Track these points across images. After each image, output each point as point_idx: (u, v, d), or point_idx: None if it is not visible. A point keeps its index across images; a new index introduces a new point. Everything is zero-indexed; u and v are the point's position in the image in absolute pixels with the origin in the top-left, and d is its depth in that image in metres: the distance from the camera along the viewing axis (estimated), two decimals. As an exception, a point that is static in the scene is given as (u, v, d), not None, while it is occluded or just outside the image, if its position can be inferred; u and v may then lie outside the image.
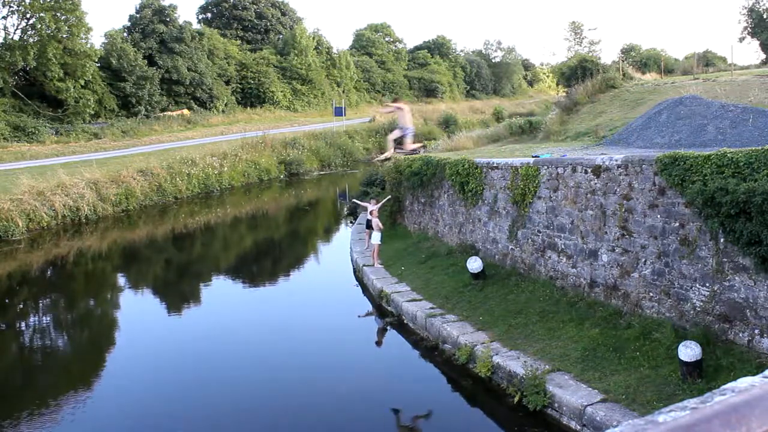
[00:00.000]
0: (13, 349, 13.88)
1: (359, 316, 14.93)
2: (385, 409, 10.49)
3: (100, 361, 13.01)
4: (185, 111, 55.59)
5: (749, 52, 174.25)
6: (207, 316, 15.23)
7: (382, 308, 15.04)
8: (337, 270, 18.87)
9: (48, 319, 15.83)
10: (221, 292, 16.99)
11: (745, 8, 59.77)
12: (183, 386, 11.42)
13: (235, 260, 20.82)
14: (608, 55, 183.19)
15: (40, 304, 17.10)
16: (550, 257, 13.04)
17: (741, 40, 61.45)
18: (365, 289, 16.67)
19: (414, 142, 14.32)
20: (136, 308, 16.00)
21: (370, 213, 17.92)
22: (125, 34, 55.43)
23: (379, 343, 13.67)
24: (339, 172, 43.75)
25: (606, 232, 11.48)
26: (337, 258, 20.27)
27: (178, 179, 33.06)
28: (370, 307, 15.49)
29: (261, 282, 17.95)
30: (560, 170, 12.65)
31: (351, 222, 24.36)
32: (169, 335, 14.09)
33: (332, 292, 16.82)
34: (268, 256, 20.99)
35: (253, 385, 11.32)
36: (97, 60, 48.47)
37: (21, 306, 16.91)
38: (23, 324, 15.45)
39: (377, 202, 18.67)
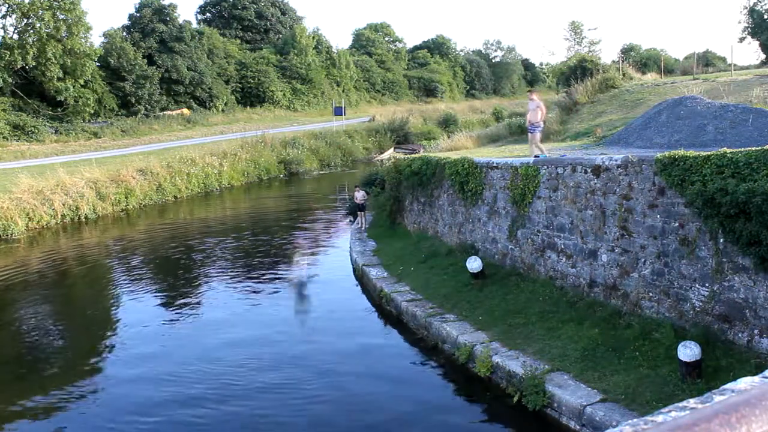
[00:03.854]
0: (8, 348, 13.88)
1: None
2: (384, 409, 10.48)
3: (95, 359, 13.02)
4: (185, 110, 55.59)
5: (749, 52, 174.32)
6: (205, 314, 15.22)
7: (381, 308, 15.04)
8: (337, 270, 18.87)
9: (43, 317, 15.81)
10: (219, 291, 16.98)
11: (746, 8, 59.80)
12: (179, 386, 11.40)
13: (234, 259, 20.81)
14: (608, 55, 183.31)
15: (36, 303, 17.08)
16: (549, 257, 13.05)
17: (741, 40, 61.49)
18: (365, 289, 16.67)
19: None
20: (134, 307, 15.98)
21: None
22: (125, 34, 55.42)
23: (378, 343, 13.64)
24: (338, 171, 43.74)
25: (605, 232, 11.48)
26: (337, 258, 20.27)
27: (177, 178, 33.06)
28: (369, 306, 15.49)
29: (260, 281, 17.93)
30: (560, 170, 12.65)
31: (351, 222, 24.36)
32: (166, 334, 14.08)
33: (332, 292, 16.82)
34: (267, 255, 20.98)
35: (251, 385, 11.31)
36: (96, 59, 48.45)
37: (17, 305, 16.90)
38: (19, 322, 15.44)
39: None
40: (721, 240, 9.24)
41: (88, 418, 10.46)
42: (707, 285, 9.55)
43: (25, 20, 43.25)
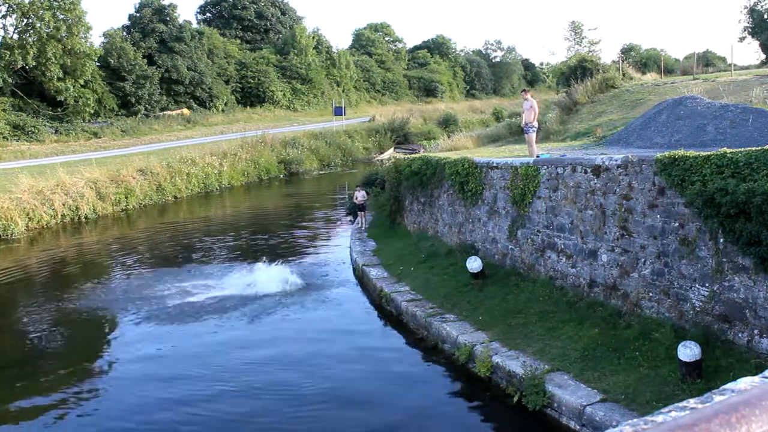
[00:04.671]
0: (8, 348, 13.88)
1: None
2: (383, 409, 10.48)
3: (95, 360, 13.02)
4: (185, 110, 55.59)
5: (749, 52, 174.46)
6: (204, 314, 15.21)
7: (381, 308, 15.04)
8: (337, 270, 18.87)
9: (42, 317, 15.81)
10: (219, 291, 16.96)
11: (746, 8, 59.77)
12: (178, 386, 11.41)
13: (234, 259, 20.80)
14: (608, 55, 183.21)
15: (36, 303, 17.08)
16: (549, 257, 13.05)
17: (741, 40, 61.45)
18: (365, 289, 16.67)
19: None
20: (133, 307, 15.98)
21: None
22: (125, 34, 55.43)
23: (378, 343, 13.65)
24: (339, 171, 43.75)
25: (605, 232, 11.48)
26: (337, 258, 20.27)
27: (177, 178, 33.07)
28: (369, 306, 15.48)
29: (259, 281, 17.89)
30: (560, 170, 12.65)
31: (351, 221, 24.36)
32: (166, 334, 14.07)
33: (331, 292, 16.81)
34: (267, 255, 20.97)
35: (250, 386, 11.31)
36: (96, 59, 48.46)
37: (16, 305, 16.90)
38: (18, 322, 15.44)
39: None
40: (721, 240, 9.24)
41: (88, 418, 10.45)
42: (707, 285, 9.55)
43: (25, 20, 43.25)
